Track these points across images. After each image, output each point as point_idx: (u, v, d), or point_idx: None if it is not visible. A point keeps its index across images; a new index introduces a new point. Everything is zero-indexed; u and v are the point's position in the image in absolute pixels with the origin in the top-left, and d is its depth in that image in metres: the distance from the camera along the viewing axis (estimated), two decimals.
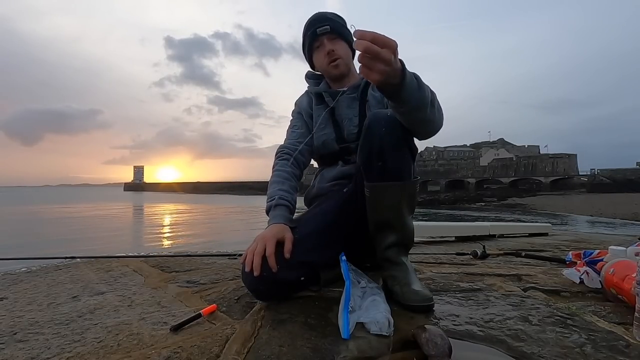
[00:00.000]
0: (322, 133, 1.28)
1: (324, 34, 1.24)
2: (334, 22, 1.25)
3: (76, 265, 1.63)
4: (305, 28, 1.29)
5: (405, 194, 1.02)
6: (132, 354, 0.77)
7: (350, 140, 1.25)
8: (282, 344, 0.79)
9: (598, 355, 0.74)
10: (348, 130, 1.26)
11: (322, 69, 1.31)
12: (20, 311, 1.04)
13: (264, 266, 1.01)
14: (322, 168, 1.35)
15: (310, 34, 1.27)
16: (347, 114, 1.26)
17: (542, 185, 50.72)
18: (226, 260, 1.70)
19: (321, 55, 1.27)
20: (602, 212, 17.24)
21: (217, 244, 7.24)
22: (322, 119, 1.27)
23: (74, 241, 8.22)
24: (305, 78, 1.40)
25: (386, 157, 0.98)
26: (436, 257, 1.81)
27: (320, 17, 1.26)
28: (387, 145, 0.97)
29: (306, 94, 1.38)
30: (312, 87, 1.36)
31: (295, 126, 1.33)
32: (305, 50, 1.34)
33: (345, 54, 1.27)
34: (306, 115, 1.33)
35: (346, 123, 1.26)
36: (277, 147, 1.32)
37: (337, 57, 1.24)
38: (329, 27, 1.23)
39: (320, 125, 1.28)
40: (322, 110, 1.29)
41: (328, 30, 1.23)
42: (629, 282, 0.96)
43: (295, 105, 1.39)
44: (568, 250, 1.90)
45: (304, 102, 1.36)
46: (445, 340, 0.72)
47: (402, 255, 1.09)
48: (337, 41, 1.26)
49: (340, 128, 1.27)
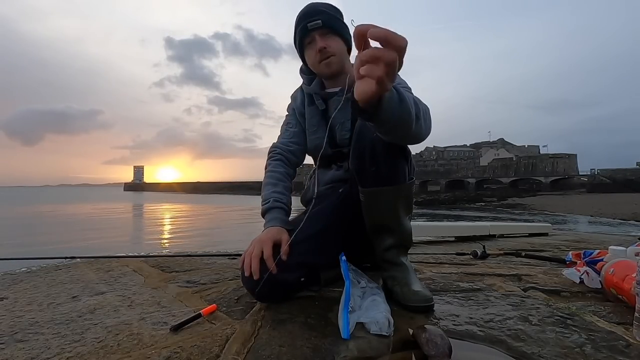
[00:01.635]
0: (314, 137, 1.23)
1: (315, 29, 1.14)
2: (326, 15, 1.14)
3: (76, 265, 1.63)
4: (296, 22, 1.18)
5: (400, 196, 1.01)
6: (132, 354, 0.77)
7: (343, 145, 1.20)
8: (282, 344, 0.79)
9: (598, 355, 0.74)
10: (340, 135, 1.20)
11: (313, 67, 1.21)
12: (20, 311, 1.04)
13: (263, 267, 1.01)
14: (317, 169, 1.32)
15: (300, 29, 1.16)
16: (339, 118, 1.19)
17: (542, 185, 50.74)
18: (226, 260, 1.70)
19: (312, 53, 1.17)
20: (602, 212, 17.24)
21: (217, 244, 7.24)
22: (314, 122, 1.23)
23: (74, 241, 8.22)
24: (300, 72, 1.30)
25: (379, 162, 0.95)
26: (436, 257, 1.81)
27: (311, 9, 1.15)
28: (379, 150, 0.94)
29: (301, 90, 1.31)
30: (305, 84, 1.28)
31: (290, 124, 1.29)
32: (297, 46, 1.24)
33: (339, 51, 1.16)
34: (299, 113, 1.28)
35: (338, 127, 1.20)
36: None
37: (329, 54, 1.15)
38: (321, 21, 1.12)
39: (312, 129, 1.24)
40: (314, 112, 1.24)
41: (320, 24, 1.13)
42: (629, 282, 0.96)
43: (291, 99, 1.34)
44: (568, 250, 1.90)
45: (298, 98, 1.30)
46: (445, 340, 0.72)
47: (401, 256, 1.09)
48: (330, 36, 1.15)
49: (332, 132, 1.21)
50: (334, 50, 1.15)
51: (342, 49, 1.18)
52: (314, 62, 1.18)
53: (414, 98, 0.80)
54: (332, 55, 1.15)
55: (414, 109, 0.75)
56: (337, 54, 1.16)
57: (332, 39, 1.15)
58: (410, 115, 0.74)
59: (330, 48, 1.14)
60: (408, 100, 0.73)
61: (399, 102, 0.70)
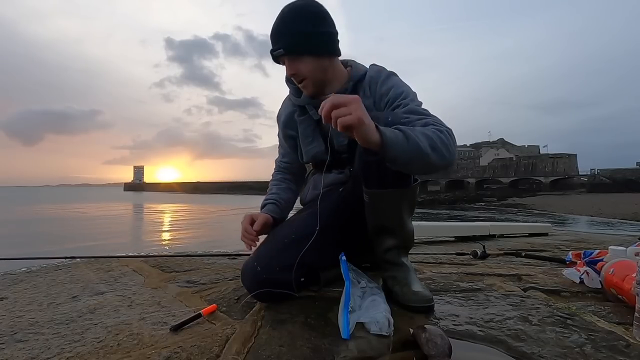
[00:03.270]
0: (311, 147, 1.20)
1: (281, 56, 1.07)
2: (288, 39, 1.04)
3: (76, 265, 1.63)
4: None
5: (405, 199, 1.01)
6: (132, 354, 0.77)
7: (342, 152, 1.16)
8: (282, 344, 0.79)
9: (598, 355, 0.74)
10: (338, 142, 1.15)
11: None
12: (20, 311, 1.04)
13: (263, 267, 1.01)
14: (315, 173, 1.29)
15: (272, 56, 1.09)
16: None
17: (542, 185, 50.75)
18: (226, 260, 1.70)
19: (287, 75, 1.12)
20: (602, 212, 17.24)
21: (217, 244, 7.24)
22: (308, 133, 1.20)
23: (74, 241, 8.22)
24: (286, 82, 1.22)
25: (385, 167, 0.93)
26: (436, 257, 1.81)
27: (273, 33, 1.06)
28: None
29: (288, 101, 1.25)
30: (293, 95, 1.21)
31: (282, 146, 1.33)
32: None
33: (310, 72, 1.08)
34: (285, 136, 1.27)
35: (334, 134, 1.13)
36: (276, 149, 1.35)
37: (301, 78, 1.09)
38: (282, 49, 1.05)
39: (307, 140, 1.20)
40: (307, 122, 1.20)
41: (282, 53, 1.05)
42: (629, 282, 0.96)
43: (278, 122, 1.30)
44: (568, 250, 1.90)
45: (283, 114, 1.26)
46: (445, 340, 0.72)
47: (402, 256, 1.09)
48: (298, 59, 1.06)
49: (328, 139, 1.15)
50: (304, 74, 1.08)
51: (314, 67, 1.08)
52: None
53: (424, 131, 0.86)
54: (304, 79, 1.09)
55: (425, 142, 0.83)
56: (309, 76, 1.09)
57: (300, 62, 1.07)
58: (420, 149, 0.82)
59: (300, 72, 1.07)
60: (415, 137, 0.82)
61: (404, 140, 0.81)
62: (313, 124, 1.20)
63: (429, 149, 0.83)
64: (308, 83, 1.10)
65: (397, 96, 1.05)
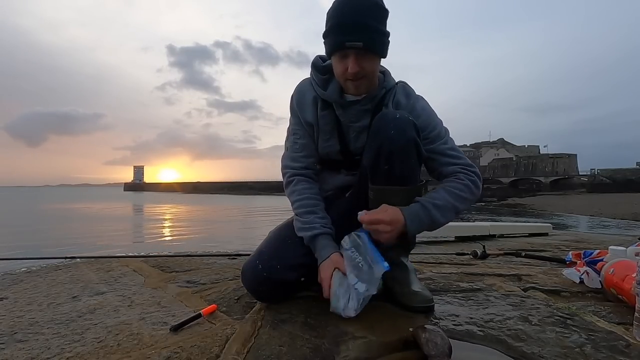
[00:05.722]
0: (326, 144, 1.14)
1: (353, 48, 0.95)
2: (370, 33, 0.95)
3: (76, 265, 1.63)
4: (333, 26, 0.97)
5: (410, 198, 1.00)
6: (132, 354, 0.77)
7: (356, 154, 1.12)
8: (282, 344, 0.79)
9: (598, 355, 0.74)
10: (354, 144, 1.12)
11: (338, 77, 1.04)
12: (20, 311, 1.04)
13: (265, 266, 1.00)
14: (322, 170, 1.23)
15: (336, 42, 0.97)
16: (356, 127, 1.10)
17: (542, 185, 50.72)
18: (226, 260, 1.70)
19: (341, 66, 1.00)
20: (602, 212, 17.23)
21: (217, 244, 7.24)
22: (328, 129, 1.13)
23: (74, 241, 8.22)
24: (312, 66, 1.11)
25: (393, 161, 0.95)
26: (436, 257, 1.81)
27: (354, 21, 0.94)
28: (395, 149, 0.94)
29: (309, 87, 1.12)
30: (318, 85, 1.10)
31: (296, 135, 1.16)
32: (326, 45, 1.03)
33: (372, 72, 1.01)
34: (311, 117, 1.12)
35: (353, 136, 1.11)
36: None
37: (361, 76, 0.99)
38: (362, 43, 0.94)
39: (325, 136, 1.13)
40: (327, 118, 1.12)
41: (360, 46, 0.94)
42: (629, 282, 0.96)
43: (293, 101, 1.15)
44: (568, 250, 1.90)
45: (304, 100, 1.13)
46: (445, 340, 0.72)
47: (402, 256, 1.09)
48: (368, 57, 0.98)
49: (346, 140, 1.12)
50: (367, 72, 0.99)
51: (376, 68, 1.03)
52: (340, 75, 1.02)
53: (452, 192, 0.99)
54: (363, 78, 1.00)
55: (450, 214, 0.98)
56: (370, 76, 1.01)
57: (368, 60, 0.98)
58: (439, 222, 0.97)
59: (365, 70, 0.98)
60: (440, 217, 0.96)
61: (429, 223, 0.96)
62: (333, 122, 1.12)
63: (451, 218, 0.99)
64: (364, 82, 1.02)
65: (424, 127, 1.03)
